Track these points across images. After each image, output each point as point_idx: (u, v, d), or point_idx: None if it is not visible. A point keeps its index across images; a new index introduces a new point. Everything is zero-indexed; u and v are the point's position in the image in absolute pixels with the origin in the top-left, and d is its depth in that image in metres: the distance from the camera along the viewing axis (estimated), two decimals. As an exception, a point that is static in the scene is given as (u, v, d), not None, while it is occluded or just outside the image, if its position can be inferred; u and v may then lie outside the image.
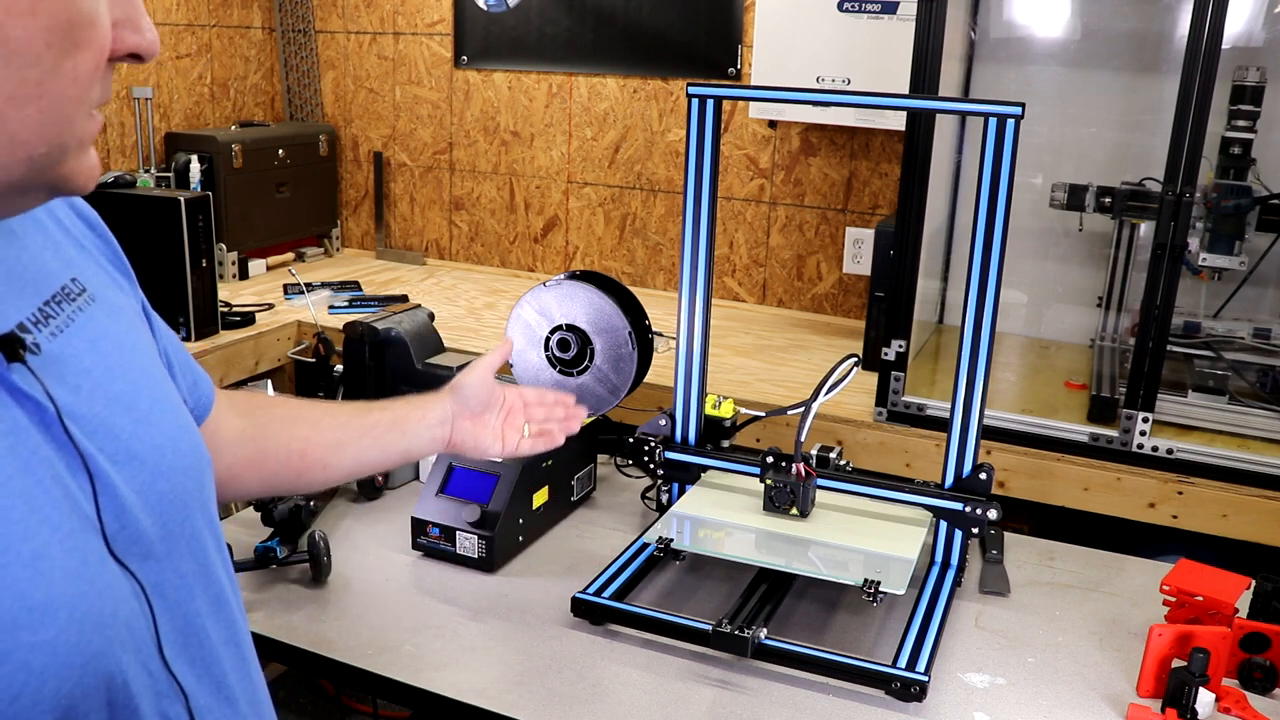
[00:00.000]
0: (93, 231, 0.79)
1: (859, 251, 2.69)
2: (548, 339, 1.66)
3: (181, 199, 2.36)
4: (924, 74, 1.96)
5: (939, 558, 1.48)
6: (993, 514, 1.42)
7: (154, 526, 0.69)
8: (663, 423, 1.60)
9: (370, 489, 1.68)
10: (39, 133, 0.57)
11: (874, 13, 2.47)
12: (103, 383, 0.69)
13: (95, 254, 0.77)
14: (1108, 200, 2.19)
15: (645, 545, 1.49)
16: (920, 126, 2.02)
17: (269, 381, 1.57)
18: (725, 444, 1.61)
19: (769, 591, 1.40)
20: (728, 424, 1.62)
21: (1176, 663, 1.24)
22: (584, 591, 1.38)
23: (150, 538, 0.68)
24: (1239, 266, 2.07)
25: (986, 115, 1.33)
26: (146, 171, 2.86)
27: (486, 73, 3.18)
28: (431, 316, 2.03)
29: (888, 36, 2.45)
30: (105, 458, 0.65)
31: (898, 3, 2.44)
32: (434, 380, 1.90)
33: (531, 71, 3.11)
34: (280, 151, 3.12)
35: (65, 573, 0.60)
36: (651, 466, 1.59)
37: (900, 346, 2.08)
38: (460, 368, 1.90)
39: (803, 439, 1.44)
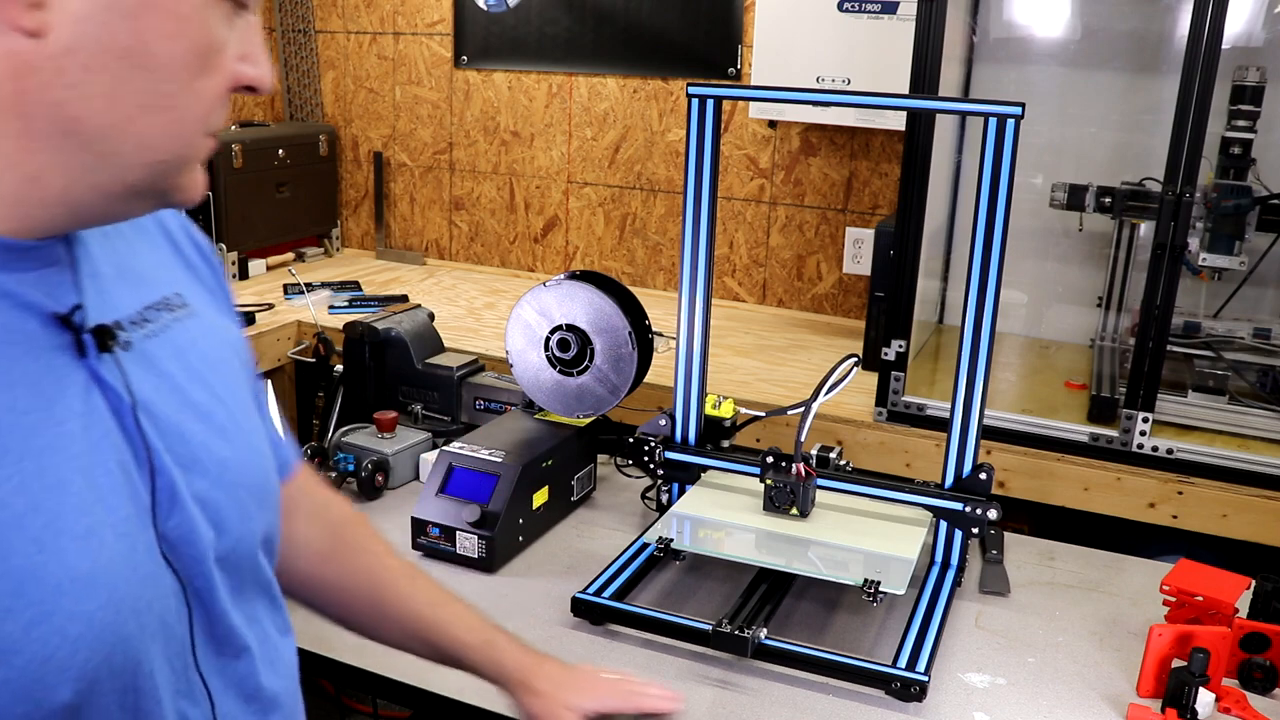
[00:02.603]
0: (204, 260, 0.84)
1: (859, 251, 2.69)
2: (548, 339, 1.66)
3: (181, 199, 2.35)
4: (924, 74, 1.95)
5: (939, 558, 1.48)
6: (993, 514, 1.42)
7: (211, 534, 0.71)
8: (663, 423, 1.60)
9: (370, 489, 1.68)
10: (164, 142, 0.63)
11: (874, 13, 2.47)
12: (183, 388, 0.72)
13: (204, 277, 0.83)
14: (1108, 200, 2.19)
15: (645, 545, 1.49)
16: (920, 126, 2.02)
17: (269, 381, 1.57)
18: (725, 444, 1.61)
19: (769, 591, 1.40)
20: (728, 424, 1.62)
21: (1176, 663, 1.24)
22: (584, 591, 1.38)
23: (204, 543, 0.70)
24: (1239, 266, 2.06)
25: (986, 115, 1.33)
26: (146, 171, 2.86)
27: (486, 73, 3.18)
28: (431, 316, 2.04)
29: (888, 36, 2.45)
30: (171, 458, 0.69)
31: (898, 3, 2.44)
32: (434, 380, 1.90)
33: (531, 71, 3.11)
34: (280, 151, 3.12)
35: (113, 554, 0.63)
36: (651, 466, 1.59)
37: (900, 346, 2.08)
38: (460, 368, 1.91)
39: (803, 439, 1.44)
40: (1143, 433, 1.94)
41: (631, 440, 1.60)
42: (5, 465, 0.59)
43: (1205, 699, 1.20)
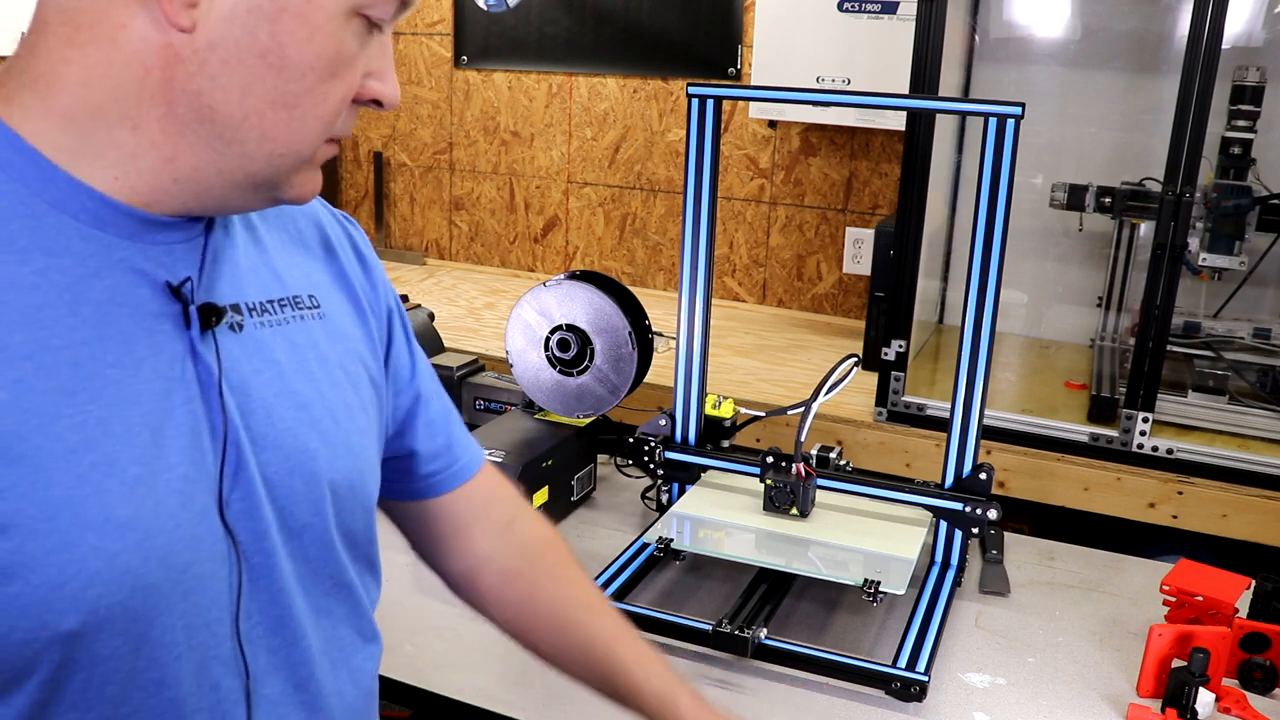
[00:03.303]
0: (366, 275, 0.88)
1: (859, 251, 2.69)
2: (548, 339, 1.66)
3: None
4: (924, 74, 1.95)
5: (939, 558, 1.48)
6: (993, 514, 1.42)
7: (275, 514, 0.73)
8: (663, 423, 1.60)
9: (370, 489, 1.68)
10: (285, 137, 0.68)
11: (874, 13, 2.47)
12: (286, 376, 0.76)
13: (356, 290, 0.86)
14: (1108, 200, 2.18)
15: (645, 545, 1.49)
16: (920, 126, 2.02)
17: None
18: (725, 444, 1.61)
19: (769, 591, 1.40)
20: (728, 424, 1.62)
21: (1176, 663, 1.24)
22: (584, 591, 1.38)
23: (268, 521, 0.73)
24: (1239, 266, 2.06)
25: (986, 115, 1.33)
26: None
27: (486, 73, 3.18)
28: (431, 316, 2.04)
29: (888, 36, 2.45)
30: (250, 437, 0.72)
31: (898, 3, 2.44)
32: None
33: (531, 71, 3.11)
34: (280, 151, 3.12)
35: (159, 507, 0.66)
36: (651, 466, 1.59)
37: (900, 346, 2.08)
38: (460, 368, 1.91)
39: (803, 439, 1.44)
40: (1143, 433, 1.94)
41: (631, 440, 1.60)
42: (73, 404, 0.63)
43: (1205, 699, 1.20)
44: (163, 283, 0.69)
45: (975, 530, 1.44)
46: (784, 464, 1.46)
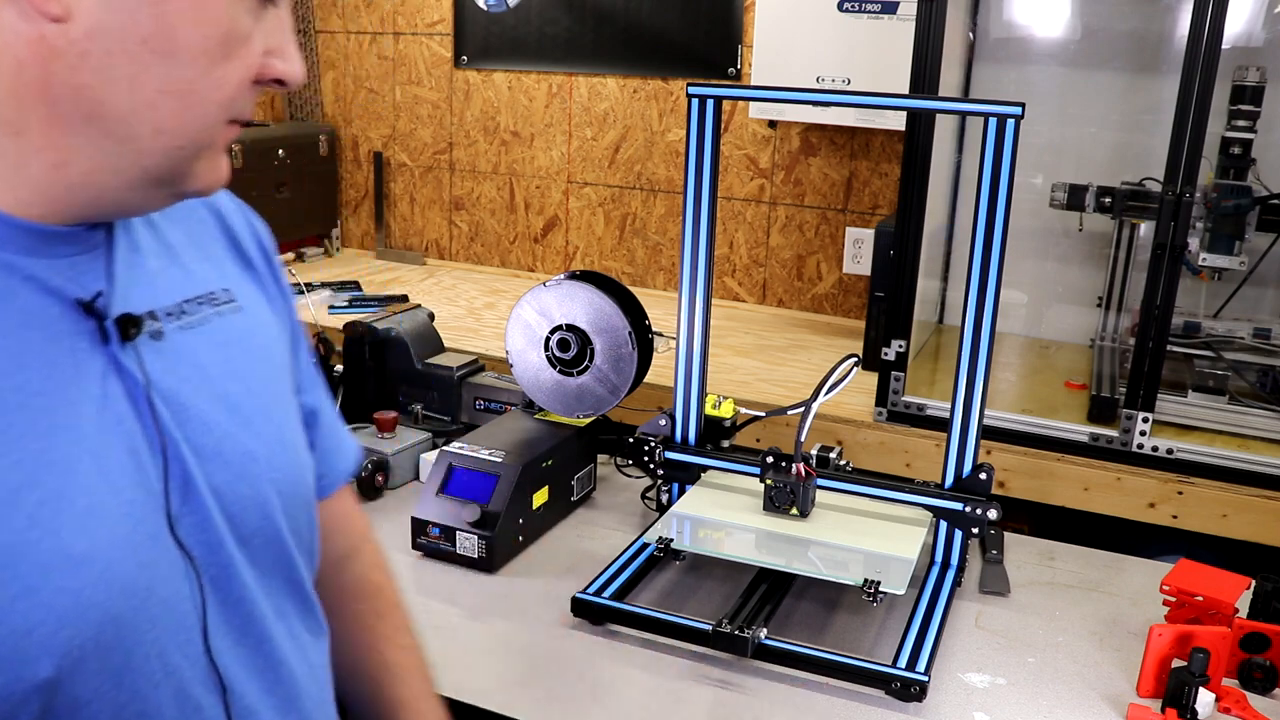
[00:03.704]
0: (266, 261, 0.85)
1: (859, 251, 2.69)
2: (548, 339, 1.66)
3: (181, 199, 2.35)
4: (924, 74, 1.96)
5: (939, 558, 1.48)
6: (993, 514, 1.42)
7: (227, 524, 0.71)
8: (663, 423, 1.60)
9: (370, 489, 1.68)
10: (181, 127, 0.63)
11: (874, 13, 2.47)
12: (215, 380, 0.73)
13: (262, 277, 0.84)
14: (1108, 200, 2.19)
15: (645, 545, 1.49)
16: (920, 126, 2.02)
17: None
18: (725, 444, 1.61)
19: (769, 591, 1.40)
20: (728, 424, 1.62)
21: (1176, 663, 1.24)
22: (584, 591, 1.38)
23: (221, 532, 0.71)
24: (1239, 266, 2.06)
25: (986, 115, 1.33)
26: (146, 171, 2.86)
27: (486, 73, 3.18)
28: (431, 316, 2.03)
29: (888, 36, 2.45)
30: (190, 447, 0.69)
31: (898, 3, 2.44)
32: (434, 380, 1.90)
33: (531, 71, 3.11)
34: (280, 151, 3.12)
35: (112, 535, 0.63)
36: (651, 466, 1.59)
37: (900, 346, 2.08)
38: (460, 368, 1.91)
39: (803, 439, 1.44)
40: (1143, 433, 1.94)
41: (631, 440, 1.60)
42: (6, 442, 0.59)
43: (1205, 699, 1.20)
44: (73, 300, 0.64)
45: (975, 530, 1.43)
46: (784, 464, 1.46)
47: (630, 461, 1.67)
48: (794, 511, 1.47)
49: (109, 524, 0.63)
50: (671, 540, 1.42)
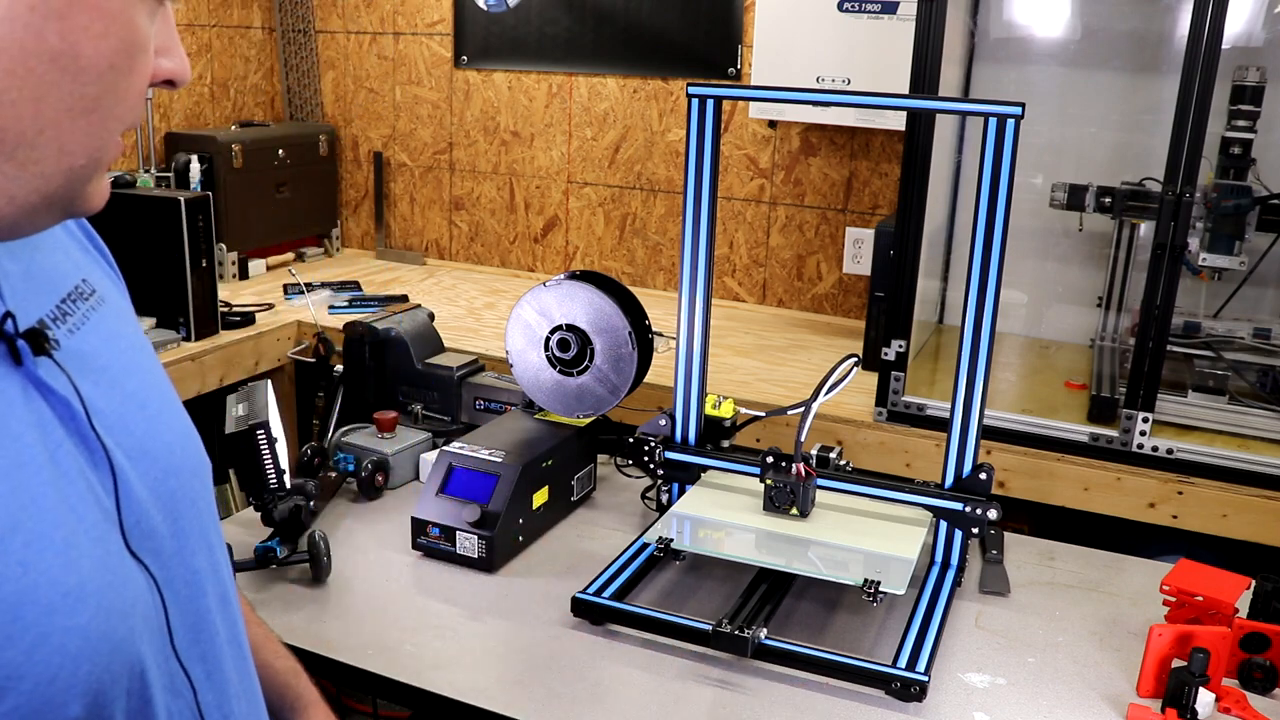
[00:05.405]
0: (89, 240, 0.80)
1: (859, 251, 2.69)
2: (548, 339, 1.66)
3: (181, 199, 2.35)
4: (924, 74, 1.96)
5: (939, 558, 1.48)
6: (993, 514, 1.42)
7: (165, 523, 0.70)
8: (663, 423, 1.60)
9: (370, 489, 1.68)
10: (84, 146, 0.60)
11: (874, 13, 2.47)
12: (118, 380, 0.70)
13: (97, 258, 0.79)
14: (1108, 200, 2.19)
15: (645, 545, 1.49)
16: (920, 126, 2.02)
17: (269, 381, 1.57)
18: (725, 444, 1.61)
19: (769, 591, 1.40)
20: (728, 424, 1.62)
21: (1176, 663, 1.24)
22: (584, 591, 1.38)
23: (162, 534, 0.69)
24: (1239, 266, 2.07)
25: (986, 115, 1.33)
26: (146, 171, 2.86)
27: (486, 73, 3.18)
28: (431, 316, 2.04)
29: (888, 36, 2.45)
30: (123, 453, 0.66)
31: (898, 3, 2.44)
32: (434, 380, 1.90)
33: (531, 71, 3.11)
34: (280, 151, 3.12)
35: (93, 562, 0.61)
36: (651, 466, 1.59)
37: (900, 346, 2.08)
38: (460, 368, 1.91)
39: (803, 439, 1.44)
40: (1143, 433, 1.94)
41: (631, 440, 1.60)
42: None
43: (1205, 699, 1.20)
44: None
45: (975, 530, 1.43)
46: (784, 464, 1.46)
47: (630, 461, 1.67)
48: (794, 511, 1.47)
49: (86, 552, 0.61)
50: (671, 540, 1.42)
